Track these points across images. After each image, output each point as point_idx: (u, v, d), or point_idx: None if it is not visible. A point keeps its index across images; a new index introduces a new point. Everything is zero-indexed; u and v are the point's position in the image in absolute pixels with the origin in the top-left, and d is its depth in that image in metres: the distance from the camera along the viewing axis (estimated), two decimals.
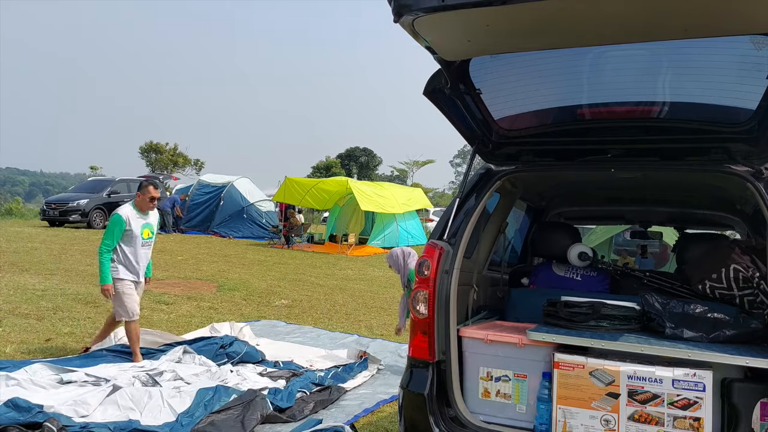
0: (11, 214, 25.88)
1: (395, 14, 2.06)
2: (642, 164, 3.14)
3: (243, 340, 5.94)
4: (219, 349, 5.59)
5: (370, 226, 20.05)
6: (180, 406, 4.10)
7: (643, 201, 4.42)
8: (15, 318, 6.59)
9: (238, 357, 5.50)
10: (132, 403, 4.08)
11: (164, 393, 4.26)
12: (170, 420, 3.95)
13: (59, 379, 4.48)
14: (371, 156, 54.85)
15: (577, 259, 3.76)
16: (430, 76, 2.82)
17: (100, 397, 4.12)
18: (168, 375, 4.81)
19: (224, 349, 5.61)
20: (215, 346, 5.63)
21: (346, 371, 5.35)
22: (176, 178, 29.26)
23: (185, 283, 9.89)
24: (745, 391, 2.44)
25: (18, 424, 3.58)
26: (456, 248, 2.99)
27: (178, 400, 4.18)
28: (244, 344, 5.76)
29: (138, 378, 4.64)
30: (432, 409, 2.80)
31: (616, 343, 2.61)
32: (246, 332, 6.36)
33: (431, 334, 2.88)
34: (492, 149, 3.31)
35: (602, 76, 2.77)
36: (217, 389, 4.36)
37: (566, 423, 2.61)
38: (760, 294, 3.07)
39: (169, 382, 4.69)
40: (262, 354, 5.72)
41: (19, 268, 9.96)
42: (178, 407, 4.09)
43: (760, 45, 2.22)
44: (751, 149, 2.84)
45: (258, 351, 5.72)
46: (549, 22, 2.08)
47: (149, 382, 4.61)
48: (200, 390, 4.29)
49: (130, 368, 4.91)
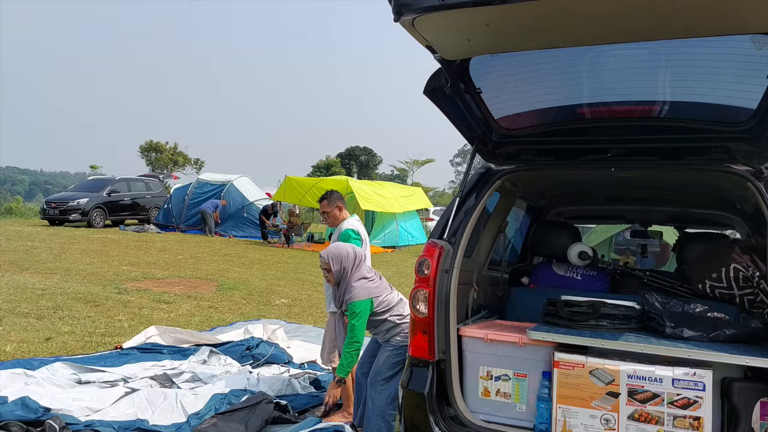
0: (11, 213, 25.87)
1: (395, 13, 2.06)
2: (642, 163, 3.14)
3: (272, 342, 5.98)
4: (245, 351, 5.64)
5: (370, 226, 20.04)
6: (192, 408, 4.12)
7: (644, 200, 4.42)
8: (15, 317, 6.60)
9: (264, 359, 5.53)
10: (147, 403, 4.11)
11: (179, 394, 4.28)
12: (180, 421, 3.97)
13: (78, 379, 4.52)
14: (371, 155, 54.85)
15: (577, 258, 3.76)
16: (430, 76, 2.82)
17: (114, 398, 4.15)
18: (186, 375, 4.83)
19: (250, 350, 5.66)
20: (242, 348, 5.69)
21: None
22: (176, 177, 29.26)
23: (185, 282, 9.89)
24: (745, 390, 2.44)
25: (21, 421, 3.61)
26: (456, 247, 2.99)
27: (192, 402, 4.19)
28: (271, 346, 5.79)
29: (156, 379, 4.67)
30: (432, 409, 2.80)
31: (616, 343, 2.61)
32: (279, 334, 6.40)
33: (431, 333, 2.88)
34: (492, 148, 3.31)
35: (602, 75, 2.77)
36: (231, 394, 4.37)
37: (566, 422, 2.61)
38: (760, 293, 3.07)
39: (187, 383, 4.71)
40: (289, 356, 5.75)
41: (19, 267, 9.96)
42: (190, 408, 4.10)
43: (760, 45, 2.21)
44: (752, 148, 2.84)
45: (285, 353, 5.76)
46: (549, 21, 2.08)
47: (167, 383, 4.63)
48: (214, 395, 4.31)
49: (151, 367, 4.95)
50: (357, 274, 3.71)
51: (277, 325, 6.75)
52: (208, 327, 6.96)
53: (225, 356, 5.44)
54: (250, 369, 5.25)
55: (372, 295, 3.68)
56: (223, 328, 6.86)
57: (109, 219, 19.65)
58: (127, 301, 7.98)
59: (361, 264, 3.79)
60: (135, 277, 10.02)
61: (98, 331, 6.34)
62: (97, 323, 6.69)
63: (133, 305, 7.76)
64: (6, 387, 4.09)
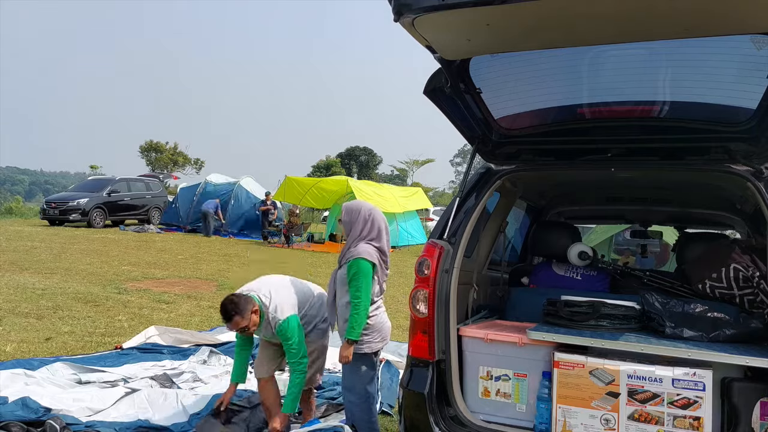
0: (11, 213, 25.87)
1: (395, 13, 2.06)
2: (642, 163, 3.14)
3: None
4: None
5: None
6: (193, 408, 4.11)
7: (643, 200, 4.42)
8: (15, 317, 6.59)
9: None
10: (147, 404, 4.10)
11: (179, 394, 4.28)
12: (182, 420, 3.96)
13: (78, 379, 4.52)
14: (371, 155, 54.88)
15: (577, 258, 3.76)
16: (430, 76, 2.82)
17: (114, 398, 4.14)
18: (187, 375, 4.82)
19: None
20: None
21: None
22: (176, 177, 29.26)
23: (185, 282, 9.89)
24: (744, 390, 2.44)
25: (22, 422, 3.60)
26: (456, 247, 2.99)
27: (193, 402, 4.19)
28: None
29: (156, 379, 4.66)
30: (432, 409, 2.80)
31: (616, 343, 2.61)
32: None
33: (431, 333, 2.88)
34: (492, 148, 3.31)
35: (602, 75, 2.77)
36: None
37: (566, 422, 2.61)
38: (760, 293, 3.07)
39: (187, 383, 4.70)
40: None
41: (19, 267, 9.96)
42: (191, 409, 4.10)
43: (760, 45, 2.21)
44: (752, 149, 2.84)
45: None
46: (549, 21, 2.08)
47: (167, 383, 4.63)
48: (215, 395, 4.30)
49: (151, 367, 4.94)
50: (369, 238, 3.41)
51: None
52: (208, 327, 6.96)
53: (225, 356, 5.41)
54: (250, 369, 5.24)
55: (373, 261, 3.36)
56: (223, 328, 6.83)
57: (109, 219, 19.66)
58: (127, 301, 7.98)
59: (377, 229, 3.43)
60: (135, 277, 10.03)
61: (98, 331, 6.34)
62: (97, 323, 6.69)
63: (133, 305, 7.76)
64: (6, 387, 4.09)
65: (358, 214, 3.47)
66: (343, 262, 3.44)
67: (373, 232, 3.44)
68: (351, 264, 3.36)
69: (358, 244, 3.40)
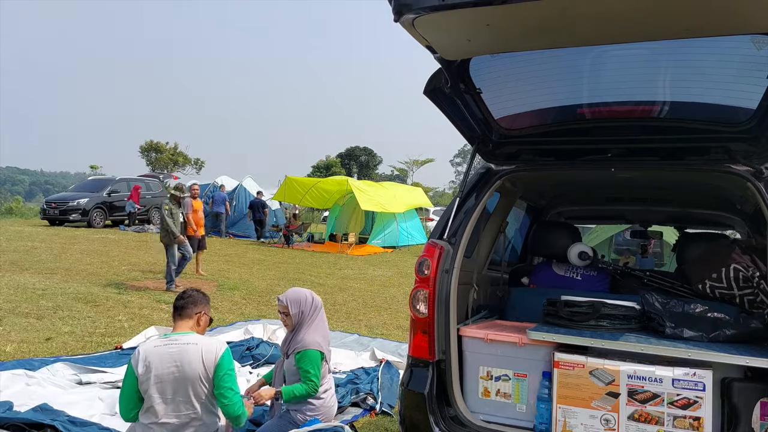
0: (11, 213, 25.87)
1: (395, 13, 2.06)
2: (642, 164, 3.14)
3: (272, 342, 5.96)
4: (245, 351, 5.63)
5: (370, 226, 20.05)
6: None
7: (643, 200, 4.42)
8: (15, 317, 6.59)
9: (264, 359, 5.52)
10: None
11: None
12: None
13: (78, 379, 4.52)
14: (371, 155, 54.87)
15: (577, 258, 3.76)
16: (431, 76, 2.82)
17: (115, 398, 4.11)
18: None
19: (250, 351, 5.65)
20: (242, 348, 5.68)
21: (367, 373, 5.23)
22: (176, 177, 29.25)
23: (185, 282, 9.87)
24: (744, 390, 2.44)
25: (23, 422, 3.59)
26: (456, 247, 2.99)
27: None
28: (271, 346, 5.79)
29: None
30: (432, 409, 2.80)
31: (616, 343, 2.61)
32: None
33: (431, 333, 2.88)
34: (492, 148, 3.31)
35: (602, 75, 2.77)
36: None
37: (566, 422, 2.61)
38: (760, 293, 3.07)
39: None
40: None
41: (19, 267, 9.96)
42: None
43: (760, 45, 2.21)
44: (752, 149, 2.84)
45: None
46: (550, 22, 2.08)
47: None
48: None
49: None
50: (315, 325, 3.48)
51: (277, 325, 6.73)
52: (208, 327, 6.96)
53: None
54: (250, 369, 5.24)
55: (323, 351, 3.43)
56: (223, 328, 6.86)
57: (109, 219, 19.65)
58: (127, 301, 7.98)
59: (321, 314, 3.55)
60: (135, 277, 10.03)
61: (98, 331, 6.35)
62: (97, 323, 6.69)
63: (133, 305, 7.76)
64: (7, 387, 4.09)
65: (308, 304, 3.51)
66: (290, 352, 3.47)
67: (314, 307, 3.52)
68: (299, 356, 3.39)
69: (306, 333, 3.44)
